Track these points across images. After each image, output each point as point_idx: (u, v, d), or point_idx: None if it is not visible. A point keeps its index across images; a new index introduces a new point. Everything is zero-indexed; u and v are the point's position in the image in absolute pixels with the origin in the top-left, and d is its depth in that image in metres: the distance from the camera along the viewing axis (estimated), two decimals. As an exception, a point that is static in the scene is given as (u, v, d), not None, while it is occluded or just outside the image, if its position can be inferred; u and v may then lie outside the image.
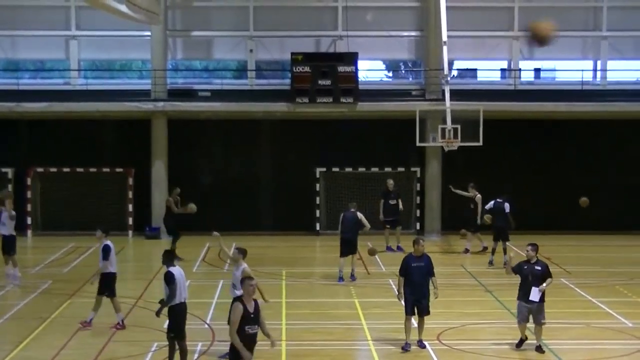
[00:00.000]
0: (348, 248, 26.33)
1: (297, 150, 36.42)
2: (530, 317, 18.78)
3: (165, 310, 17.22)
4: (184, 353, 17.23)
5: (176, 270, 17.23)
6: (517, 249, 31.21)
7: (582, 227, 35.51)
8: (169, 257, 17.55)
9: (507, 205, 29.52)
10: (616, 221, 35.82)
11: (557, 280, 26.30)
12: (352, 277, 26.17)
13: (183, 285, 17.25)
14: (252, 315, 13.85)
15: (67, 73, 36.83)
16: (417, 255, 18.95)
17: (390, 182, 32.32)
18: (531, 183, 36.02)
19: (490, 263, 29.04)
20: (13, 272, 25.68)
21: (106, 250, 20.60)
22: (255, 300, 14.04)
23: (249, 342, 13.85)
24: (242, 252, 18.55)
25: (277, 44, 37.05)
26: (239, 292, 17.34)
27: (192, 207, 29.90)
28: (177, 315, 17.15)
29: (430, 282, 18.99)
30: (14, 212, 25.94)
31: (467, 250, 31.48)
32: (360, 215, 26.46)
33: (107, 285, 20.61)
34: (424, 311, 18.92)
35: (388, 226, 32.00)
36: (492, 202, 29.93)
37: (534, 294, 18.43)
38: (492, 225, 29.73)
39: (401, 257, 19.51)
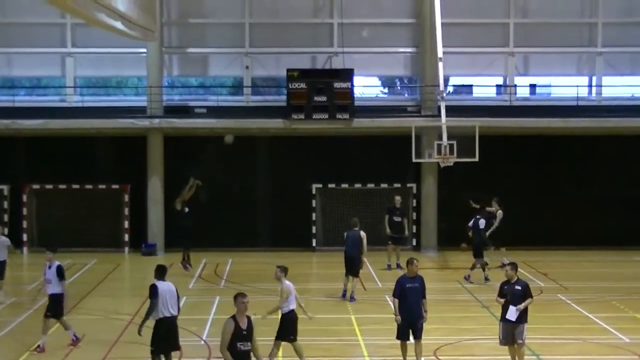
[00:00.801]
0: (349, 267, 26.22)
1: (293, 166, 36.41)
2: None
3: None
4: None
5: (164, 285, 17.24)
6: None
7: (578, 242, 35.55)
8: (160, 271, 17.59)
9: (481, 222, 29.53)
10: (612, 236, 35.79)
11: (553, 296, 26.46)
12: (352, 298, 26.03)
13: (170, 301, 17.18)
14: (244, 332, 13.85)
15: (63, 90, 36.86)
16: (411, 276, 18.43)
17: (398, 198, 32.12)
18: (527, 199, 36.03)
19: (487, 279, 28.91)
20: None
21: (62, 270, 20.66)
22: (248, 317, 14.04)
23: (241, 359, 13.84)
24: (284, 270, 18.88)
25: (272, 60, 37.12)
26: (285, 309, 18.52)
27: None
28: (160, 330, 17.10)
29: (422, 304, 18.42)
30: (4, 238, 25.92)
31: (503, 265, 31.00)
32: (363, 234, 26.30)
33: (56, 305, 20.55)
34: (419, 333, 18.36)
35: (390, 242, 31.80)
36: (473, 219, 29.95)
37: (511, 313, 18.00)
38: (470, 242, 29.92)
39: (393, 280, 19.38)
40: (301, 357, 18.71)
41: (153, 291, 17.08)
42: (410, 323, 18.27)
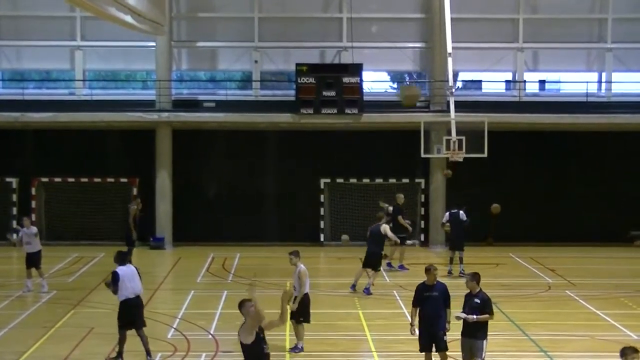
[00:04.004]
0: (368, 260, 26.26)
1: (301, 161, 36.38)
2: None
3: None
4: (144, 340, 18.71)
5: (124, 269, 18.78)
6: (522, 261, 31.30)
7: (586, 238, 35.49)
8: (121, 257, 19.13)
9: (461, 214, 29.49)
10: (621, 233, 35.75)
11: (561, 292, 26.45)
12: (367, 290, 25.93)
13: (130, 283, 18.69)
14: (261, 335, 13.35)
15: (72, 83, 36.91)
16: (430, 284, 17.30)
17: (401, 196, 31.53)
18: (536, 194, 36.00)
19: (449, 273, 28.80)
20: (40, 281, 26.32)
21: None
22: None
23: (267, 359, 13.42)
24: (296, 254, 19.82)
25: (282, 54, 37.11)
26: (296, 293, 19.28)
27: None
28: (124, 311, 18.67)
29: (443, 313, 17.18)
30: (34, 229, 26.70)
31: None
32: (384, 228, 26.29)
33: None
34: (440, 345, 17.16)
35: (399, 242, 31.18)
36: (448, 213, 30.18)
37: (459, 314, 16.55)
38: (449, 235, 30.18)
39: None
40: (300, 340, 19.59)
41: (115, 278, 18.57)
42: (430, 334, 17.22)
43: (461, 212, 29.62)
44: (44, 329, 21.37)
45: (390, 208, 30.49)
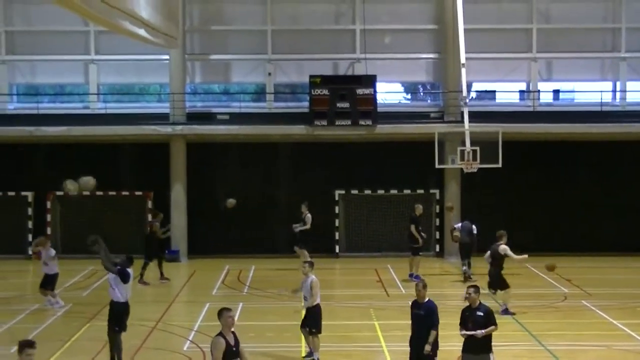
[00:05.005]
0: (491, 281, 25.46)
1: (315, 172, 36.37)
2: None
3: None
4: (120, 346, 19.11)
5: (131, 273, 19.53)
6: (537, 271, 31.18)
7: (602, 248, 35.38)
8: (130, 260, 19.81)
9: (473, 227, 30.70)
10: (637, 243, 35.61)
11: (577, 302, 26.35)
12: (503, 310, 24.71)
13: (129, 288, 19.43)
14: (233, 349, 13.26)
15: (86, 97, 37.07)
16: (419, 302, 16.70)
17: (420, 207, 31.33)
18: (551, 205, 35.91)
19: (469, 277, 29.64)
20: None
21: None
22: (234, 333, 13.49)
23: None
24: (311, 264, 20.10)
25: (295, 66, 37.17)
26: (306, 304, 19.50)
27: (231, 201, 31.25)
28: (117, 312, 19.18)
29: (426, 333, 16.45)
30: (53, 251, 26.87)
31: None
32: (503, 248, 25.22)
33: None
34: None
35: (414, 253, 30.82)
36: (460, 223, 31.39)
37: (463, 332, 15.98)
38: (459, 242, 30.93)
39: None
40: (316, 351, 19.61)
41: (125, 275, 19.29)
42: (417, 353, 16.67)
43: (473, 224, 30.36)
44: (59, 343, 21.41)
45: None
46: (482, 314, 15.96)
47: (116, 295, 19.27)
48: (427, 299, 16.64)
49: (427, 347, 16.32)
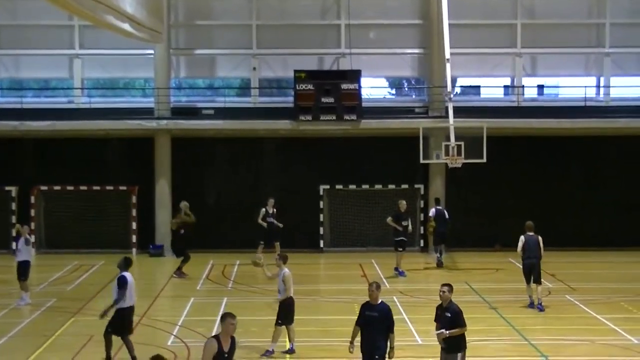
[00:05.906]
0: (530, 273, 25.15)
1: (300, 167, 36.36)
2: None
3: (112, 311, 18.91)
4: (130, 345, 18.82)
5: (129, 276, 19.02)
6: (521, 266, 31.22)
7: (585, 243, 35.48)
8: (127, 263, 19.37)
9: (445, 213, 32.26)
10: (620, 237, 35.74)
11: (561, 297, 26.43)
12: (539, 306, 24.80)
13: (131, 292, 18.96)
14: (225, 355, 13.07)
15: (70, 92, 36.94)
16: (372, 304, 15.87)
17: (403, 202, 31.26)
18: (535, 200, 35.95)
19: (440, 263, 31.60)
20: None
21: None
22: (232, 339, 13.25)
23: None
24: (283, 258, 20.25)
25: (280, 61, 37.13)
26: (280, 297, 19.77)
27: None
28: (124, 317, 18.88)
29: (384, 337, 15.76)
30: (26, 239, 26.21)
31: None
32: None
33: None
34: None
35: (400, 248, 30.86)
36: (433, 209, 32.47)
37: (437, 332, 15.84)
38: (435, 231, 32.04)
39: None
40: (291, 341, 20.01)
41: (123, 282, 18.80)
42: (370, 357, 15.77)
43: (445, 210, 31.87)
44: (43, 338, 21.34)
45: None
46: (449, 314, 15.72)
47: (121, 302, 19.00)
48: (380, 301, 15.94)
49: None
